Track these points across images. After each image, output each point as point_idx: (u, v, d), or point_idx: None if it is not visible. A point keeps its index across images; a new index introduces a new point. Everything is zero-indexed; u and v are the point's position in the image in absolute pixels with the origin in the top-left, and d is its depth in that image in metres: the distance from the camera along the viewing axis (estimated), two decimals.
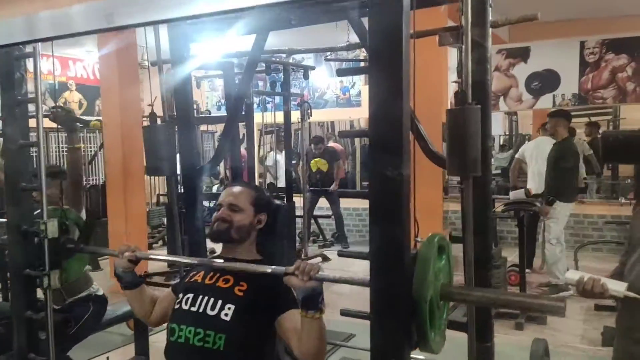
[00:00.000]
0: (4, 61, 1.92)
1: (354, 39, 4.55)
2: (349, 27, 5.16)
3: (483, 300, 1.53)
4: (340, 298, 5.39)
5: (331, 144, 9.66)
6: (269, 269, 1.65)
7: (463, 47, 1.87)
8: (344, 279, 1.56)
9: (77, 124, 3.01)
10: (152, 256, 2.20)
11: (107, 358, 3.94)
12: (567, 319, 4.60)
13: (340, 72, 1.62)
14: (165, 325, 1.90)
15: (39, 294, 2.14)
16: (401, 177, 1.13)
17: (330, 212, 8.46)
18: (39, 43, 1.90)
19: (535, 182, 5.49)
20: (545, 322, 4.45)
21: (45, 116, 2.79)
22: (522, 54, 6.73)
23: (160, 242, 7.95)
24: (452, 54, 5.74)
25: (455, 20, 3.32)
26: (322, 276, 1.54)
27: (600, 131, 7.82)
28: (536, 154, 5.64)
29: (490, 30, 1.95)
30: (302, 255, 6.31)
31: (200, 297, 1.79)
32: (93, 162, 7.51)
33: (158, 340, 3.90)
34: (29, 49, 1.98)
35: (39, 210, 2.01)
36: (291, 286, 1.58)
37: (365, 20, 1.88)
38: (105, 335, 3.95)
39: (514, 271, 4.94)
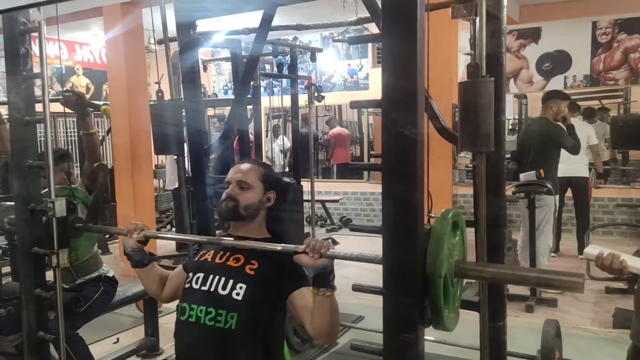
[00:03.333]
0: (8, 36, 1.90)
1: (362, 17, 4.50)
2: (357, 7, 5.10)
3: (498, 276, 1.48)
4: (350, 281, 5.38)
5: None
6: (278, 247, 1.63)
7: (477, 19, 1.82)
8: (356, 256, 1.53)
9: (88, 108, 2.96)
10: (160, 235, 2.19)
11: (117, 339, 3.97)
12: (578, 301, 4.58)
13: (353, 40, 1.58)
14: (174, 306, 1.89)
15: (49, 276, 2.13)
16: (415, 140, 1.10)
17: (337, 197, 8.44)
18: (44, 19, 1.87)
19: (565, 164, 5.39)
20: (556, 304, 4.42)
21: (55, 100, 2.78)
22: (533, 35, 6.62)
23: (169, 227, 7.97)
24: (462, 36, 5.65)
25: None
26: (332, 253, 1.52)
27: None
28: None
29: (505, 1, 1.89)
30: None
31: (211, 276, 1.77)
32: (101, 146, 7.54)
33: (168, 322, 3.92)
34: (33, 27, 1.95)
35: (46, 190, 1.99)
36: (302, 264, 1.55)
37: None
38: (115, 317, 3.98)
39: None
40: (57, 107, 2.91)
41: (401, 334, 1.30)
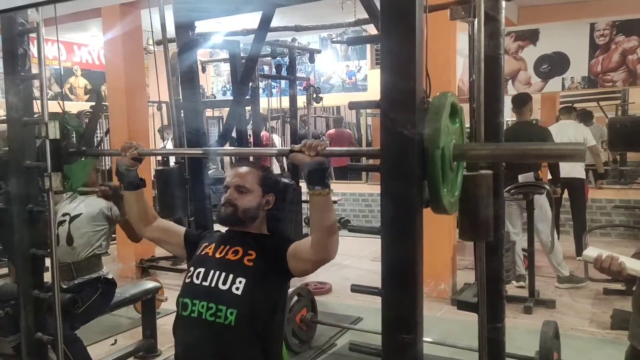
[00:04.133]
0: (7, 36, 1.90)
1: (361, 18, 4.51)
2: (355, 8, 5.11)
3: (497, 153, 1.47)
4: (349, 282, 5.38)
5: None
6: (274, 150, 1.65)
7: (475, 20, 1.83)
8: (353, 151, 1.51)
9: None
10: (155, 151, 2.21)
11: (115, 341, 3.96)
12: (575, 303, 4.58)
13: (351, 41, 1.58)
14: (172, 307, 1.89)
15: (47, 278, 2.13)
16: (414, 140, 1.10)
17: (335, 198, 8.43)
18: (42, 19, 1.87)
19: (561, 165, 5.39)
20: (554, 305, 4.43)
21: (93, 192, 3.07)
22: (531, 37, 6.63)
23: None
24: (460, 38, 5.66)
25: None
26: (328, 151, 1.54)
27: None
28: (560, 138, 5.58)
29: (503, 3, 1.90)
30: None
31: (212, 271, 1.79)
32: (99, 147, 7.53)
33: (166, 323, 3.91)
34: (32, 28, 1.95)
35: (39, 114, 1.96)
36: (297, 162, 1.57)
37: None
38: (113, 318, 3.97)
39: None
40: (55, 108, 2.93)
41: (400, 335, 1.31)
